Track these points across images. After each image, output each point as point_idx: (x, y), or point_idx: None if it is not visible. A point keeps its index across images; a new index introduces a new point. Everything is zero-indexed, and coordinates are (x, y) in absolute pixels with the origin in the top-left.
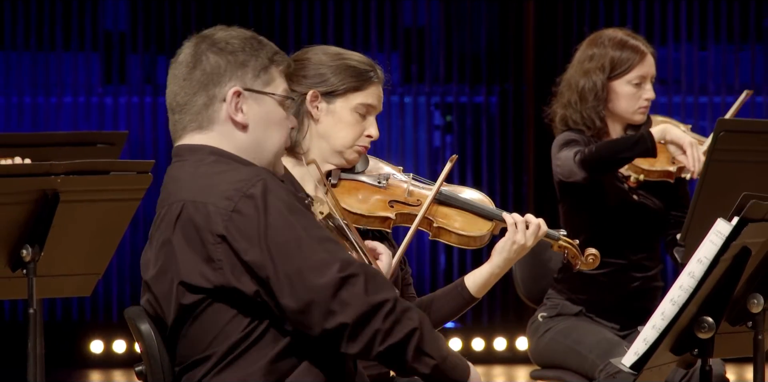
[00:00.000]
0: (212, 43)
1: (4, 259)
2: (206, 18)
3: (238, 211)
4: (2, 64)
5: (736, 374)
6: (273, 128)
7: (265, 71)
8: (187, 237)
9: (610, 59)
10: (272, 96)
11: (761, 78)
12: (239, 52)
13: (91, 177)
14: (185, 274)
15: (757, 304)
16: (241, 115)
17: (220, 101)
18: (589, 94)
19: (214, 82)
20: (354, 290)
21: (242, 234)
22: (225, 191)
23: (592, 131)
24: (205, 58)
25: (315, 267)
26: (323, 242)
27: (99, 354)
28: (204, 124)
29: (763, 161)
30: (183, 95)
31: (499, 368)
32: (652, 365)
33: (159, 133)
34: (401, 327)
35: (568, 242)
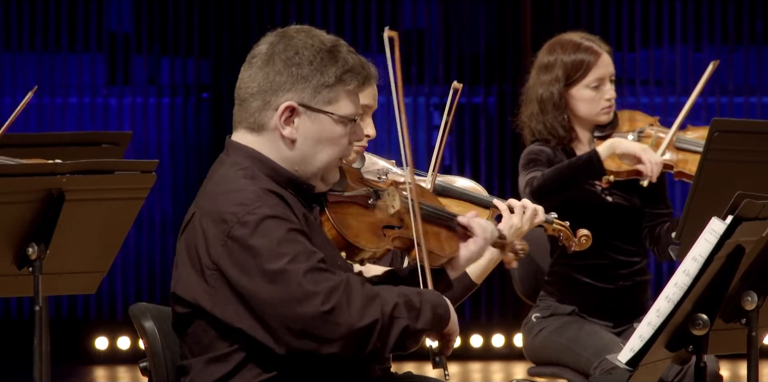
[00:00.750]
0: (286, 47)
1: (10, 257)
2: (209, 19)
3: (232, 237)
4: (8, 65)
5: (730, 371)
6: (323, 146)
7: (330, 89)
8: (189, 251)
9: (564, 67)
10: (330, 115)
11: (754, 79)
12: (305, 66)
13: (96, 176)
14: (180, 287)
15: (750, 301)
16: (289, 130)
17: (273, 110)
18: (549, 104)
19: (273, 89)
20: (340, 319)
21: (235, 263)
22: (224, 213)
23: (557, 140)
24: (273, 63)
25: (299, 300)
26: (309, 273)
27: (104, 351)
28: (255, 127)
29: (757, 161)
30: (244, 91)
31: (497, 364)
32: (648, 361)
33: (162, 133)
34: (393, 334)
35: (561, 224)
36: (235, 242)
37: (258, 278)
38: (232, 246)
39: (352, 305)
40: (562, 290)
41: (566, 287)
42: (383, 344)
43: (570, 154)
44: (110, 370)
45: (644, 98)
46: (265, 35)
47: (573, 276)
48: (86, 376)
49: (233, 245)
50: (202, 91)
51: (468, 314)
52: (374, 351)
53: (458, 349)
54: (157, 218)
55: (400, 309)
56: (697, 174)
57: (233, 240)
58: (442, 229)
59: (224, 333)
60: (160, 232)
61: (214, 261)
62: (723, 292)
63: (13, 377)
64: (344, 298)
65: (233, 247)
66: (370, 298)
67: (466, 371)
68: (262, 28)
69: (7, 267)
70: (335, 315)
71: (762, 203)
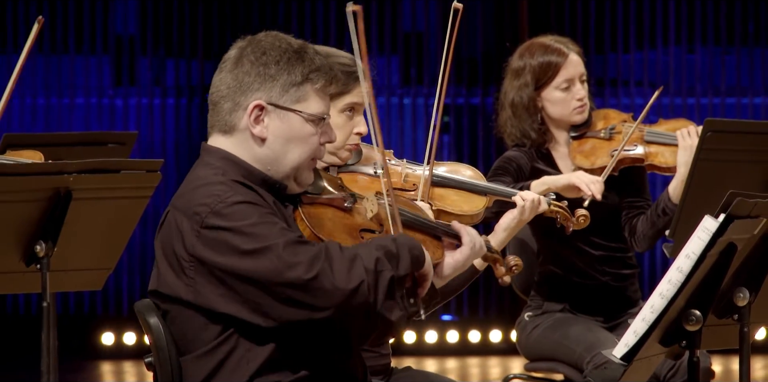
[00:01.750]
0: (254, 49)
1: (18, 254)
2: (212, 22)
3: (206, 227)
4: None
5: (723, 366)
6: (293, 145)
7: (297, 88)
8: (165, 249)
9: (533, 70)
10: (299, 114)
11: (746, 80)
12: (272, 65)
13: (103, 175)
14: (161, 284)
15: (742, 297)
16: (259, 128)
17: (243, 110)
18: (521, 109)
19: (241, 90)
20: (327, 284)
21: (212, 249)
22: (196, 205)
23: (531, 142)
24: (241, 64)
25: (283, 269)
26: (289, 246)
27: (110, 346)
28: (227, 129)
29: (749, 160)
30: (216, 95)
31: (495, 359)
32: (642, 356)
33: (167, 133)
34: (381, 287)
35: (558, 205)
36: (210, 230)
37: (237, 257)
38: (206, 234)
39: (336, 270)
40: (551, 290)
41: (554, 287)
42: (374, 299)
43: (546, 156)
44: (116, 365)
45: (638, 99)
46: (235, 42)
47: (559, 275)
48: (93, 370)
49: (207, 233)
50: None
51: (466, 310)
52: (367, 309)
53: (457, 344)
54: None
55: (383, 262)
56: (690, 173)
57: (208, 229)
58: (424, 236)
59: (208, 325)
60: None
61: (190, 253)
62: (715, 288)
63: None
64: (326, 264)
65: (207, 235)
66: (351, 260)
67: (464, 366)
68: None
69: (16, 264)
70: (321, 281)
71: (753, 201)
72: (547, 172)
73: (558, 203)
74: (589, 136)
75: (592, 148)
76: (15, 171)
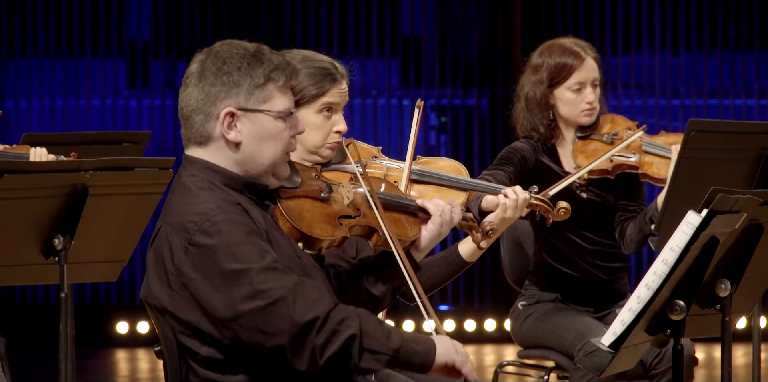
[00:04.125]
0: (214, 61)
1: (38, 247)
2: (222, 27)
3: (193, 244)
4: (36, 70)
5: (705, 353)
6: (267, 142)
7: (261, 89)
8: (156, 260)
9: (549, 69)
10: (267, 113)
11: (728, 82)
12: (234, 73)
13: (117, 173)
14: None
15: (724, 288)
16: (233, 134)
17: (215, 119)
18: (533, 103)
19: (210, 101)
20: (282, 313)
21: (196, 267)
22: (186, 222)
23: (539, 136)
24: (205, 77)
25: (246, 296)
26: (262, 272)
27: (124, 334)
28: (202, 140)
29: (730, 158)
30: (186, 110)
31: (490, 347)
32: (629, 344)
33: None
34: (337, 337)
35: (539, 198)
36: (196, 248)
37: (216, 278)
38: (193, 252)
39: (298, 302)
40: (544, 280)
41: (548, 277)
42: (324, 344)
43: (551, 151)
44: (130, 352)
45: (626, 101)
46: (195, 56)
47: (553, 266)
48: (108, 357)
49: (194, 250)
50: None
51: (462, 300)
52: (314, 349)
53: (453, 333)
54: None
55: (353, 320)
56: (674, 171)
57: (194, 246)
58: (401, 215)
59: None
60: None
61: (177, 267)
62: (699, 280)
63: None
64: (291, 294)
65: (194, 252)
66: (319, 300)
67: None
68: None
69: (35, 257)
70: (278, 308)
71: (735, 197)
72: (550, 167)
73: (539, 196)
74: (593, 138)
75: (594, 150)
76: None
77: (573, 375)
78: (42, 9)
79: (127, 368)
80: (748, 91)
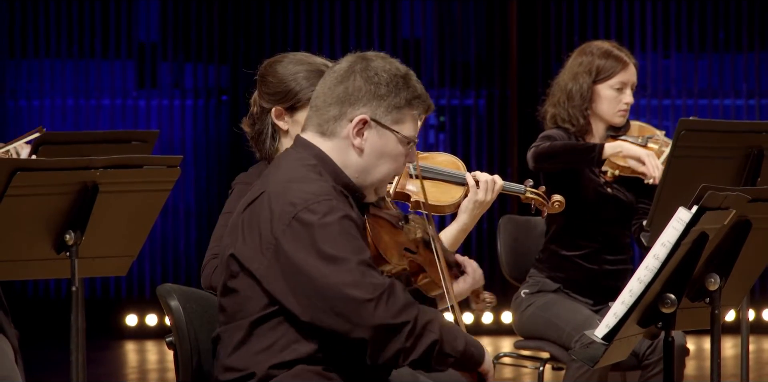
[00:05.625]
0: (365, 67)
1: (50, 243)
2: (227, 30)
3: (298, 219)
4: (48, 71)
5: (696, 345)
6: (384, 160)
7: (399, 110)
8: (252, 222)
9: (596, 66)
10: (395, 134)
11: (717, 83)
12: (383, 86)
13: (127, 170)
14: (239, 250)
15: (714, 282)
16: (359, 140)
17: (348, 120)
18: (576, 95)
19: (350, 102)
20: (377, 311)
21: (295, 239)
22: (294, 197)
23: (576, 128)
24: (353, 78)
25: (348, 284)
26: (361, 265)
27: (133, 327)
28: (327, 133)
29: (719, 157)
30: (322, 100)
31: (487, 339)
32: (622, 336)
33: (186, 131)
34: (422, 343)
35: (534, 192)
36: (300, 223)
37: (313, 256)
38: (295, 226)
39: (391, 304)
40: (551, 267)
41: (556, 264)
42: (411, 348)
43: None
44: (139, 344)
45: None
46: (345, 56)
47: (563, 254)
48: (118, 349)
49: (297, 225)
50: (222, 94)
51: None
52: (399, 351)
53: None
54: (181, 208)
55: (434, 325)
56: (665, 169)
57: (298, 221)
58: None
59: (262, 300)
60: (184, 220)
61: (275, 236)
62: (689, 274)
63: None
64: (386, 295)
65: (296, 227)
66: (409, 303)
67: None
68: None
69: (47, 252)
70: (375, 306)
71: (724, 194)
72: None
73: (534, 189)
74: (624, 139)
75: None
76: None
77: (569, 366)
78: (54, 12)
79: (136, 360)
80: (737, 91)
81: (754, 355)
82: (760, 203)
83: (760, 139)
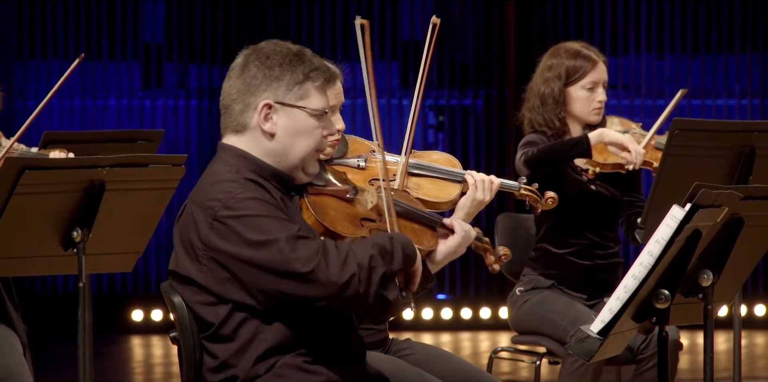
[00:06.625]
0: (257, 55)
1: (57, 240)
2: (231, 31)
3: (217, 219)
4: (56, 72)
5: (689, 339)
6: (300, 137)
7: (300, 86)
8: (182, 237)
9: (565, 68)
10: (303, 109)
11: (710, 83)
12: (276, 67)
13: (133, 169)
14: (179, 266)
15: (706, 278)
16: (269, 125)
17: (253, 110)
18: (548, 99)
19: (251, 91)
20: (321, 277)
21: (223, 238)
22: (209, 201)
23: (552, 131)
24: (248, 70)
25: (285, 261)
26: (290, 241)
27: (139, 322)
28: (239, 128)
29: (712, 155)
30: (227, 99)
31: (485, 333)
32: (617, 331)
33: (190, 131)
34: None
35: (528, 189)
36: (221, 222)
37: (244, 247)
38: (218, 226)
39: (330, 265)
40: (544, 265)
41: (548, 262)
42: (366, 291)
43: None
44: (145, 339)
45: (613, 100)
46: (240, 51)
47: (555, 252)
48: (124, 344)
49: (218, 225)
50: None
51: (458, 289)
52: (358, 299)
53: (450, 320)
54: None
55: (376, 259)
56: (660, 167)
57: (218, 221)
58: (420, 226)
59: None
60: None
61: (203, 242)
62: (682, 270)
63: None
64: (323, 259)
65: (219, 226)
66: (345, 255)
67: (457, 340)
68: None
69: (55, 249)
70: (316, 274)
71: (716, 192)
72: None
73: (528, 186)
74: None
75: (603, 147)
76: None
77: (565, 360)
78: (61, 14)
79: (142, 354)
80: (730, 91)
81: (746, 349)
82: (752, 200)
83: (752, 139)
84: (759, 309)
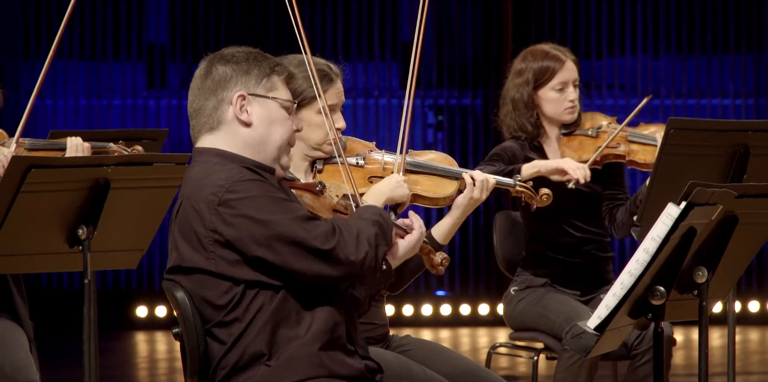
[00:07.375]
0: (220, 57)
1: (63, 237)
2: (233, 31)
3: (223, 204)
4: (61, 72)
5: (684, 336)
6: (275, 126)
7: (268, 79)
8: (183, 231)
9: (533, 72)
10: (274, 100)
11: (705, 83)
12: (243, 62)
13: (137, 167)
14: (184, 260)
15: (701, 275)
16: (245, 115)
17: (228, 103)
18: (520, 104)
19: (222, 87)
20: (341, 257)
21: (228, 224)
22: (212, 188)
23: (527, 135)
24: (214, 69)
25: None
26: (298, 220)
27: (143, 318)
28: (214, 125)
29: (707, 154)
30: (197, 102)
31: (483, 329)
32: (613, 327)
33: None
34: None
35: (523, 186)
36: (226, 206)
37: (254, 225)
38: (223, 211)
39: (348, 243)
40: (535, 265)
41: (539, 262)
42: (375, 268)
43: (538, 149)
44: (149, 334)
45: (609, 100)
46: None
47: (544, 252)
48: (128, 339)
49: (224, 209)
50: None
51: (457, 286)
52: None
53: (449, 317)
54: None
55: (380, 237)
56: (655, 166)
57: (223, 205)
58: None
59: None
60: None
61: (209, 228)
62: (678, 267)
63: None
64: (340, 237)
65: (224, 211)
66: (357, 235)
67: (456, 336)
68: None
69: (61, 246)
70: (337, 252)
71: (711, 190)
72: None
73: (523, 184)
74: (577, 134)
75: (580, 144)
76: (61, 163)
77: (561, 356)
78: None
79: (146, 350)
80: (724, 91)
81: (740, 345)
82: (746, 198)
83: (746, 138)
84: (753, 305)
